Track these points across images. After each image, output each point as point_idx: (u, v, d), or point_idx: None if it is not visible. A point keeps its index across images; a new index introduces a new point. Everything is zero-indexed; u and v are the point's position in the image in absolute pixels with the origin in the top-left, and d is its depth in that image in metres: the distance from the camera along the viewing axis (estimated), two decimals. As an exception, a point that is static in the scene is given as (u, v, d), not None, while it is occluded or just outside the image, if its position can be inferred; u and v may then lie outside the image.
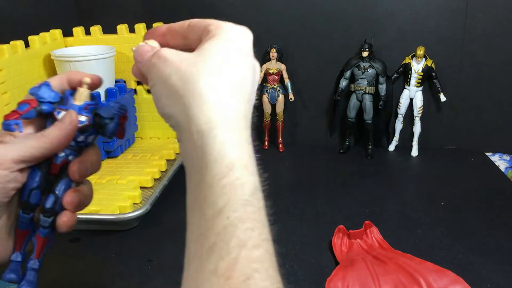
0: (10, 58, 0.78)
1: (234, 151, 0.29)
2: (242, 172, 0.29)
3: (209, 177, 0.29)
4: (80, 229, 0.71)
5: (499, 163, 0.93)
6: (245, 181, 0.29)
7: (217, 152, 0.29)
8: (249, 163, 0.30)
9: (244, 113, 0.32)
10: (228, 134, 0.30)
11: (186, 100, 0.31)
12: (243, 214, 0.28)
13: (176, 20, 0.37)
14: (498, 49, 0.92)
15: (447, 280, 0.55)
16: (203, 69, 0.32)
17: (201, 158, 0.30)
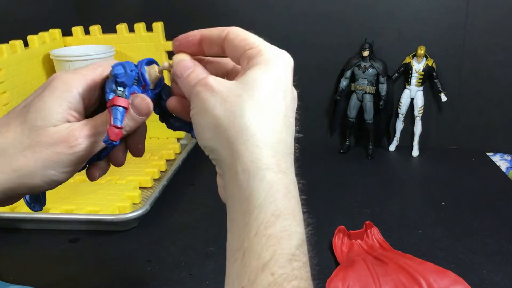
0: (9, 57, 0.78)
1: (281, 196, 0.28)
2: (289, 222, 0.27)
3: (255, 225, 0.27)
4: (80, 229, 0.71)
5: (500, 163, 0.93)
6: (292, 232, 0.27)
7: (263, 197, 0.28)
8: (296, 211, 0.29)
9: (290, 148, 0.31)
10: (276, 176, 0.28)
11: (231, 134, 0.30)
12: (289, 272, 0.26)
13: (176, 20, 0.37)
14: (499, 49, 0.92)
15: (448, 280, 0.55)
16: (250, 102, 0.30)
17: (246, 201, 0.28)
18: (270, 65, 0.32)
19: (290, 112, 0.32)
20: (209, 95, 0.32)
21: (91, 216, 0.70)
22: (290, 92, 0.32)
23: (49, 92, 0.35)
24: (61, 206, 0.72)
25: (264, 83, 0.31)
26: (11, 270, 0.63)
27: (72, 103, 0.35)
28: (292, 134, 0.32)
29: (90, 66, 0.37)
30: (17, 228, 0.72)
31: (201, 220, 0.73)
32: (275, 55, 0.32)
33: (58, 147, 0.34)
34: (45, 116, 0.34)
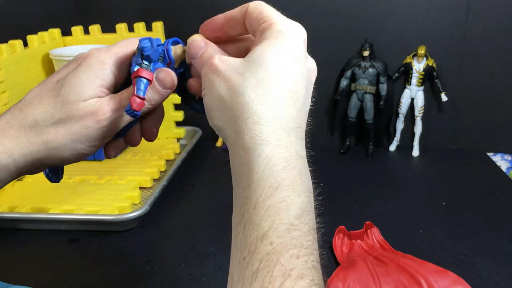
0: (8, 57, 0.77)
1: (280, 169, 0.28)
2: (287, 193, 0.28)
3: (254, 198, 0.28)
4: (79, 229, 0.71)
5: (500, 163, 0.92)
6: (291, 203, 0.27)
7: (261, 171, 0.28)
8: (296, 182, 0.29)
9: (295, 123, 0.31)
10: (274, 150, 0.29)
11: (233, 113, 0.31)
12: (288, 240, 0.26)
13: (175, 19, 0.37)
14: (499, 49, 0.92)
15: (448, 281, 0.55)
16: (252, 80, 0.31)
17: (246, 176, 0.29)
18: (278, 39, 0.32)
19: (299, 85, 0.32)
20: (214, 76, 0.33)
21: (90, 216, 0.69)
22: (300, 65, 0.32)
23: (84, 69, 0.36)
24: (61, 206, 0.72)
25: (269, 59, 0.31)
26: (11, 270, 0.62)
27: (104, 80, 0.37)
28: (300, 108, 0.32)
29: (122, 43, 0.38)
30: (17, 228, 0.72)
31: (201, 220, 0.72)
32: (285, 27, 0.33)
33: (87, 121, 0.36)
34: (78, 91, 0.36)
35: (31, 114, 0.36)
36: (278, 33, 0.32)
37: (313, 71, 0.34)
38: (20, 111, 0.37)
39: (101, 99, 0.37)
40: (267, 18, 0.33)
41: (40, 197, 0.74)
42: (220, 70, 0.32)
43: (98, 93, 0.37)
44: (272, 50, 0.31)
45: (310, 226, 0.28)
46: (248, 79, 0.31)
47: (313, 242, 0.28)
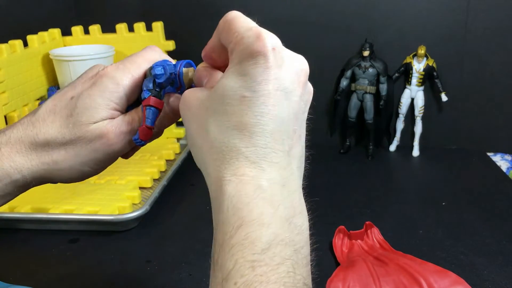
0: (8, 57, 0.77)
1: (244, 205, 0.27)
2: (252, 228, 0.26)
3: (220, 238, 0.28)
4: (79, 229, 0.71)
5: (500, 163, 0.92)
6: (255, 238, 0.26)
7: (226, 210, 0.28)
8: (265, 214, 0.27)
9: (266, 150, 0.29)
10: (238, 186, 0.28)
11: (202, 151, 0.30)
12: (252, 278, 0.25)
13: (176, 20, 0.36)
14: (499, 49, 0.92)
15: (449, 281, 0.55)
16: (215, 115, 0.30)
17: (216, 215, 0.29)
18: (241, 63, 0.29)
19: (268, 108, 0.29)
20: (185, 112, 0.32)
21: (90, 216, 0.69)
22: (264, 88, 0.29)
23: (99, 90, 0.36)
24: (61, 206, 0.72)
25: (230, 87, 0.29)
26: (11, 270, 0.62)
27: (118, 103, 0.37)
28: (272, 131, 0.29)
29: (139, 59, 0.38)
30: (17, 228, 0.72)
31: (201, 220, 0.72)
32: (247, 47, 0.29)
33: (97, 144, 0.36)
34: (91, 114, 0.36)
35: (43, 133, 0.36)
36: (241, 53, 0.29)
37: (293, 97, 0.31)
38: (33, 127, 0.37)
39: (111, 122, 0.36)
40: (233, 36, 0.31)
41: (40, 197, 0.74)
42: (189, 105, 0.32)
43: (110, 115, 0.37)
44: (233, 77, 0.29)
45: (282, 256, 0.26)
46: (212, 115, 0.30)
47: (287, 272, 0.26)
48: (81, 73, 0.39)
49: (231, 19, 0.31)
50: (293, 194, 0.30)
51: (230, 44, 0.31)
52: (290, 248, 0.27)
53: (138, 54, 0.38)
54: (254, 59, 0.29)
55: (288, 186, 0.30)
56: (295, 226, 0.28)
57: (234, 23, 0.31)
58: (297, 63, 0.32)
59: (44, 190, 0.76)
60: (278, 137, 0.29)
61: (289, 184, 0.30)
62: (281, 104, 0.29)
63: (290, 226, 0.28)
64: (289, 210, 0.29)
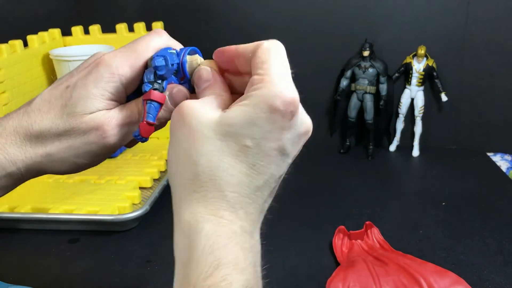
0: (8, 57, 0.77)
1: (221, 246, 0.27)
2: (229, 270, 0.26)
3: (193, 277, 0.26)
4: (79, 229, 0.71)
5: (500, 163, 0.92)
6: (233, 281, 0.26)
7: (201, 249, 0.27)
8: (239, 259, 0.27)
9: (246, 200, 0.29)
10: (216, 227, 0.27)
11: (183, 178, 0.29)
12: None
13: (176, 20, 0.35)
14: (499, 49, 0.92)
15: (448, 281, 0.55)
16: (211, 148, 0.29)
17: (186, 251, 0.28)
18: (257, 106, 0.28)
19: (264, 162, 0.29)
20: (178, 126, 0.31)
21: (90, 216, 0.69)
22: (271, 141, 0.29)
23: (94, 80, 0.34)
24: (61, 206, 0.72)
25: (237, 127, 0.28)
26: (11, 270, 0.62)
27: (114, 93, 0.35)
28: (258, 187, 0.29)
29: (138, 50, 0.35)
30: (17, 228, 0.72)
31: (201, 220, 0.73)
32: (270, 92, 0.28)
33: (91, 135, 0.34)
34: (85, 104, 0.34)
35: (38, 123, 0.35)
36: (261, 99, 0.28)
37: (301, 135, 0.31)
38: (28, 117, 0.35)
39: (108, 112, 0.35)
40: (265, 71, 0.29)
41: (40, 197, 0.74)
42: (185, 123, 0.30)
43: (106, 106, 0.35)
44: (243, 120, 0.28)
45: None
46: (206, 145, 0.29)
47: None
48: None
49: (273, 50, 0.31)
50: (257, 244, 0.30)
51: (257, 76, 0.30)
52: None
53: (141, 40, 0.36)
54: (271, 113, 0.28)
55: (254, 236, 0.30)
56: (258, 274, 0.29)
57: (274, 59, 0.30)
58: (304, 128, 0.31)
59: (44, 190, 0.77)
60: (260, 192, 0.30)
61: (255, 234, 0.30)
62: (275, 164, 0.30)
63: (256, 273, 0.28)
64: (255, 258, 0.29)
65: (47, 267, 0.63)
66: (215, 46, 0.35)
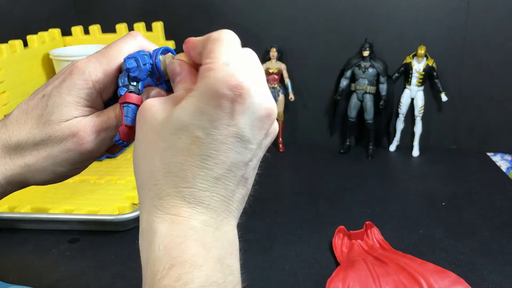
0: (8, 57, 0.78)
1: (176, 245, 0.26)
2: (184, 269, 0.25)
3: (150, 276, 0.26)
4: (79, 229, 0.71)
5: (500, 163, 0.92)
6: (188, 280, 0.25)
7: (157, 249, 0.26)
8: (197, 255, 0.26)
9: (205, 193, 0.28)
10: (172, 226, 0.27)
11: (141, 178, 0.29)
12: None
13: (176, 20, 0.34)
14: (499, 49, 0.92)
15: (448, 281, 0.55)
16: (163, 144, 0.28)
17: (145, 252, 0.28)
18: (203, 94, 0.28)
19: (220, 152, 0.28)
20: (139, 126, 0.30)
21: (90, 216, 0.69)
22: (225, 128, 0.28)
23: (67, 87, 0.34)
24: (61, 206, 0.72)
25: (185, 120, 0.28)
26: (11, 270, 0.62)
27: (88, 100, 0.34)
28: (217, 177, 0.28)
29: (111, 54, 0.35)
30: (17, 228, 0.72)
31: (201, 220, 0.73)
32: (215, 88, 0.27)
33: (68, 143, 0.34)
34: (60, 112, 0.34)
35: (15, 135, 0.34)
36: (207, 87, 0.28)
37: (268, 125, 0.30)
38: (6, 129, 0.35)
39: (84, 119, 0.34)
40: (210, 59, 0.29)
41: (40, 197, 0.74)
42: (145, 122, 0.30)
43: (82, 112, 0.34)
44: (191, 111, 0.28)
45: None
46: (160, 143, 0.28)
47: None
48: None
49: (221, 39, 0.30)
50: (226, 235, 0.29)
51: (204, 65, 0.29)
52: None
53: (114, 44, 0.35)
54: (218, 100, 0.27)
55: (222, 228, 0.29)
56: (227, 267, 0.27)
57: (221, 47, 0.29)
58: (263, 111, 0.29)
59: (44, 190, 0.77)
60: (221, 182, 0.28)
61: (223, 226, 0.29)
62: (234, 152, 0.28)
63: (222, 267, 0.27)
64: (221, 251, 0.28)
65: (47, 267, 0.63)
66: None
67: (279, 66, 0.97)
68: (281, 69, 0.97)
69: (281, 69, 0.97)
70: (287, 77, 0.97)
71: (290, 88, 0.97)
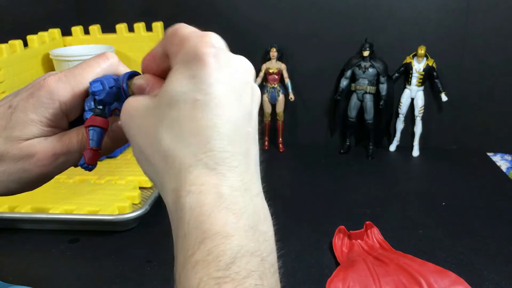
0: (8, 57, 0.77)
1: (206, 218, 0.25)
2: (215, 242, 0.25)
3: (181, 256, 0.25)
4: (79, 229, 0.71)
5: (500, 163, 0.92)
6: (219, 253, 0.24)
7: (187, 225, 0.25)
8: (228, 225, 0.25)
9: (225, 154, 0.27)
10: (199, 197, 0.26)
11: (156, 163, 0.28)
12: None
13: (176, 20, 0.33)
14: (499, 49, 0.92)
15: (448, 281, 0.55)
16: (165, 121, 0.27)
17: (175, 232, 0.27)
18: (187, 63, 0.28)
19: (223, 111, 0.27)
20: (129, 122, 0.29)
21: (90, 216, 0.69)
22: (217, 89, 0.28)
23: (33, 104, 0.33)
24: (61, 206, 0.72)
25: (178, 91, 0.27)
26: (11, 270, 0.62)
27: (53, 120, 0.33)
28: (229, 133, 0.27)
29: (81, 74, 0.33)
30: (17, 228, 0.72)
31: (201, 220, 0.73)
32: (193, 47, 0.28)
33: (25, 163, 0.33)
34: (22, 129, 0.33)
35: None
36: (186, 55, 0.28)
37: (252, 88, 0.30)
38: None
39: (44, 140, 0.33)
40: (178, 38, 0.29)
41: (40, 197, 0.74)
42: (134, 115, 0.29)
43: (44, 132, 0.33)
44: (181, 80, 0.28)
45: (248, 269, 0.25)
46: (161, 122, 0.28)
47: (254, 285, 0.25)
48: None
49: (178, 26, 0.30)
50: (256, 199, 0.28)
51: (174, 46, 0.29)
52: (256, 259, 0.25)
53: (85, 64, 0.34)
54: (202, 60, 0.27)
55: (250, 191, 0.27)
56: (260, 234, 0.26)
57: (180, 29, 0.29)
58: (243, 65, 0.30)
59: (44, 190, 0.76)
60: (234, 139, 0.28)
61: (251, 188, 0.28)
62: (234, 106, 0.28)
63: (255, 234, 0.26)
64: (253, 217, 0.27)
65: (47, 267, 0.63)
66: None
67: (279, 66, 0.97)
68: (281, 69, 0.97)
69: (281, 69, 0.97)
70: (287, 77, 0.97)
71: (290, 88, 0.97)
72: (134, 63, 0.93)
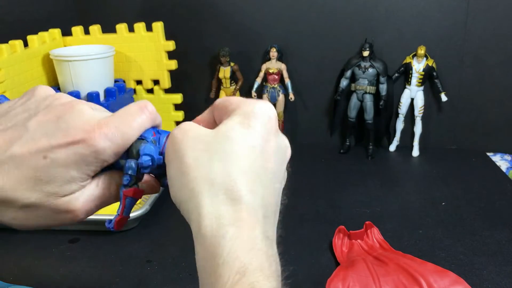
0: (8, 57, 0.77)
1: (245, 252, 0.26)
2: (255, 277, 0.25)
3: (219, 285, 0.25)
4: (79, 229, 0.71)
5: (500, 163, 0.92)
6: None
7: (226, 254, 0.26)
8: (264, 265, 0.26)
9: (261, 201, 0.28)
10: (239, 231, 0.26)
11: (197, 185, 0.28)
12: None
13: (176, 20, 0.34)
14: (499, 49, 0.92)
15: (448, 280, 0.55)
16: (219, 153, 0.29)
17: (210, 259, 0.26)
18: (246, 116, 0.30)
19: (268, 162, 0.30)
20: (182, 139, 0.30)
21: (91, 216, 0.69)
22: (270, 141, 0.31)
23: (76, 162, 0.31)
24: (61, 206, 0.72)
25: (238, 133, 0.29)
26: (11, 270, 0.62)
27: (91, 175, 0.33)
28: (268, 185, 0.30)
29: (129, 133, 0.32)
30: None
31: (201, 220, 0.73)
32: (251, 106, 0.31)
33: (62, 216, 0.32)
34: (62, 186, 0.31)
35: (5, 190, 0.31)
36: (245, 111, 0.31)
37: (287, 147, 0.33)
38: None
39: (82, 195, 0.32)
40: (233, 104, 0.32)
41: (40, 197, 0.74)
42: (189, 134, 0.30)
43: (82, 186, 0.32)
44: (240, 125, 0.30)
45: None
46: (215, 151, 0.29)
47: None
48: (46, 96, 0.33)
49: (229, 97, 0.33)
50: (276, 252, 0.29)
51: (230, 106, 0.32)
52: None
53: (132, 119, 0.32)
54: (261, 118, 0.30)
55: (274, 244, 0.29)
56: (280, 285, 0.28)
57: (235, 98, 0.33)
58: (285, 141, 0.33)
59: (44, 190, 0.77)
60: (272, 191, 0.30)
61: (274, 241, 0.30)
62: (278, 162, 0.31)
63: (279, 283, 0.27)
64: (277, 266, 0.28)
65: (47, 267, 0.63)
66: (215, 46, 0.35)
67: (279, 66, 0.97)
68: (281, 69, 0.97)
69: (281, 69, 0.97)
70: (287, 77, 0.97)
71: (290, 88, 0.97)
72: (134, 63, 0.93)
